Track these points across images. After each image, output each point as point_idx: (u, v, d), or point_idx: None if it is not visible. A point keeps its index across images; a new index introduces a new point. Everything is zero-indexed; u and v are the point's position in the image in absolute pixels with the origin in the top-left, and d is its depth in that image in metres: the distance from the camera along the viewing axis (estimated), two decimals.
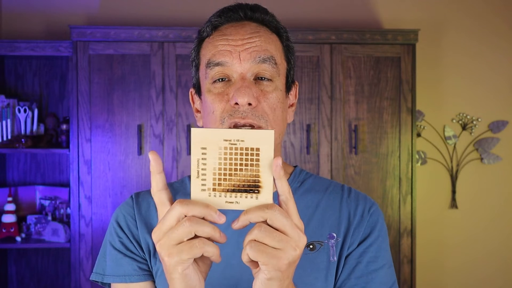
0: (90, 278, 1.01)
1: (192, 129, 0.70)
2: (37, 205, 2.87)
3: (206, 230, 0.67)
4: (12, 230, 2.67)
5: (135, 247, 0.98)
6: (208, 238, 0.68)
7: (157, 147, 2.57)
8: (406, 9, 3.06)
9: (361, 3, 3.04)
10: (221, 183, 0.70)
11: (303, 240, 0.69)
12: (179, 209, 0.67)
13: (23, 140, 2.62)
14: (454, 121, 3.07)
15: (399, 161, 2.65)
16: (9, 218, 2.67)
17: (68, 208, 2.78)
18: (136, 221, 0.99)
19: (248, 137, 0.70)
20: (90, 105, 2.56)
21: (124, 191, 2.56)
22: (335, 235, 0.95)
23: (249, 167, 0.70)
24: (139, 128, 2.56)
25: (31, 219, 2.77)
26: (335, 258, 0.94)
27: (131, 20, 2.94)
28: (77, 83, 2.55)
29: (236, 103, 0.88)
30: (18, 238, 2.68)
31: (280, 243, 0.67)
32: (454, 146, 3.07)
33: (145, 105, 2.58)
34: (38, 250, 2.91)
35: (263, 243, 0.67)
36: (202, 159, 0.70)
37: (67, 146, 2.68)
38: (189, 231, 0.67)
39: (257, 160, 0.70)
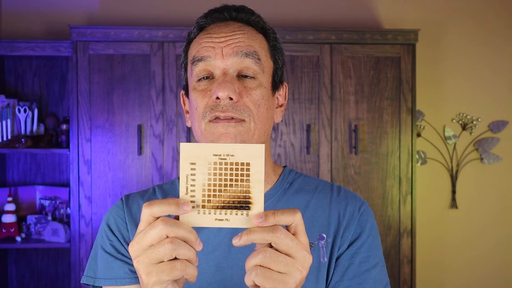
0: (81, 281, 1.00)
1: (181, 144, 0.69)
2: (37, 205, 2.87)
3: (187, 254, 0.66)
4: (12, 230, 2.67)
5: (126, 250, 0.97)
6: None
7: (157, 147, 2.57)
8: (406, 9, 3.06)
9: (361, 3, 3.04)
10: (210, 200, 0.68)
11: (308, 261, 0.68)
12: (162, 228, 0.66)
13: (23, 140, 2.62)
14: (454, 121, 3.07)
15: (399, 161, 2.65)
16: (9, 218, 2.67)
17: (68, 208, 2.78)
18: (126, 223, 0.99)
19: (238, 152, 0.68)
20: (90, 105, 2.56)
21: (124, 191, 2.56)
22: (325, 235, 0.94)
23: (239, 183, 0.68)
24: (139, 128, 2.56)
25: (31, 219, 2.77)
26: (326, 259, 0.94)
27: (131, 20, 2.94)
28: (77, 83, 2.55)
29: (218, 98, 0.87)
30: (18, 238, 2.68)
31: (286, 267, 0.66)
32: (454, 146, 3.07)
33: (145, 105, 2.58)
34: (38, 250, 2.91)
35: (269, 268, 0.66)
36: (191, 174, 0.68)
37: (67, 146, 2.68)
38: (171, 253, 0.66)
39: (248, 175, 0.68)
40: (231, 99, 0.87)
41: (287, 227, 0.68)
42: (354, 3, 3.03)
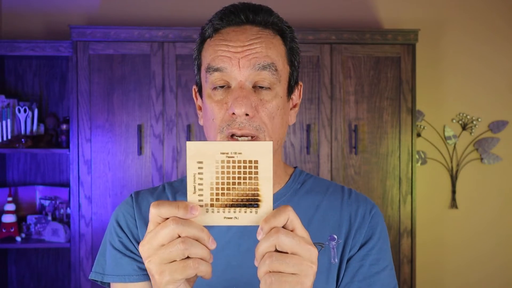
0: (90, 277, 1.01)
1: (188, 143, 0.69)
2: (37, 205, 2.87)
3: (200, 252, 0.66)
4: (12, 230, 2.67)
5: (135, 246, 0.97)
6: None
7: (157, 147, 2.57)
8: (406, 9, 3.06)
9: (361, 3, 3.04)
10: (219, 198, 0.68)
11: (314, 254, 0.68)
12: (174, 228, 0.66)
13: (23, 140, 2.62)
14: (454, 121, 3.07)
15: (399, 161, 2.65)
16: (9, 218, 2.67)
17: (68, 208, 2.78)
18: (136, 220, 0.99)
19: (246, 149, 0.68)
20: (90, 105, 2.56)
21: (124, 191, 2.56)
22: (336, 236, 0.95)
23: (247, 180, 0.68)
24: (139, 128, 2.56)
25: (31, 219, 2.77)
26: (336, 260, 0.94)
27: (131, 20, 2.94)
28: (77, 83, 2.55)
29: (234, 113, 0.87)
30: (18, 238, 2.67)
31: (295, 267, 0.66)
32: (454, 146, 3.07)
33: (145, 105, 2.58)
34: (38, 250, 2.91)
35: (280, 272, 0.66)
36: (199, 173, 0.68)
37: (67, 146, 2.68)
38: (183, 253, 0.66)
39: (256, 173, 0.68)
40: (247, 115, 0.87)
41: (284, 226, 0.68)
42: (354, 3, 3.03)
